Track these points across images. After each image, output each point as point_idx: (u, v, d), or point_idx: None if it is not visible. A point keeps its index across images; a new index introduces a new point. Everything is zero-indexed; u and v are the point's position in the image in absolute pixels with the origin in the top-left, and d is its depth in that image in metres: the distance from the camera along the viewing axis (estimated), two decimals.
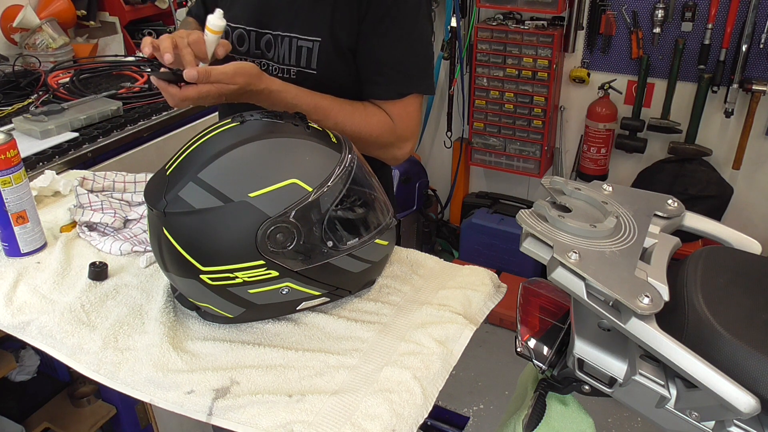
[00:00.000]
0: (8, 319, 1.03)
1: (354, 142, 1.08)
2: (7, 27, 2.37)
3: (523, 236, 0.88)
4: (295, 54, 1.24)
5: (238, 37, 1.31)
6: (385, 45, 1.20)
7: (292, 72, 1.26)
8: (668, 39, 2.68)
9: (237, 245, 0.89)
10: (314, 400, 0.86)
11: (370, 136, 1.22)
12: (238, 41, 1.31)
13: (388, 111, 1.24)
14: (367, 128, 1.22)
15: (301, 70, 1.24)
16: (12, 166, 1.11)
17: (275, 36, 1.26)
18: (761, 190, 2.78)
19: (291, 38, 1.24)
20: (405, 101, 1.24)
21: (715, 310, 0.81)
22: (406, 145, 1.28)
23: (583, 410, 1.01)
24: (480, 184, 3.42)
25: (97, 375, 0.94)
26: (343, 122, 1.19)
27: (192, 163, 0.91)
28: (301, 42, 1.23)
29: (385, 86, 1.23)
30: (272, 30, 1.26)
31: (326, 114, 1.18)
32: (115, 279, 1.12)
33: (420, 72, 1.25)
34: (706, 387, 0.74)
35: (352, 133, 1.18)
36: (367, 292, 1.08)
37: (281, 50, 1.26)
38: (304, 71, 1.24)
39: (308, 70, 1.24)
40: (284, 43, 1.25)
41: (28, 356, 1.87)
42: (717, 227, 0.99)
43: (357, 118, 1.21)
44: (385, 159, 1.30)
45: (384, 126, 1.23)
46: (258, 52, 1.29)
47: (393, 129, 1.24)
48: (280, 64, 1.27)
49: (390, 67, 1.22)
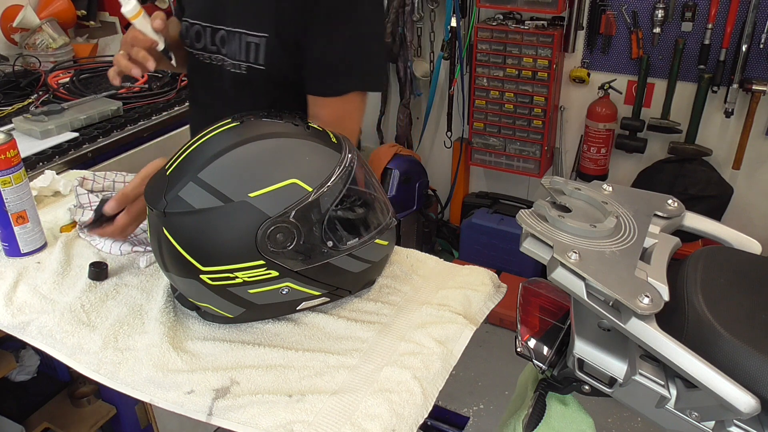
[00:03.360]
0: (8, 319, 1.03)
1: None
2: (7, 27, 2.38)
3: (523, 236, 0.88)
4: (245, 50, 1.24)
5: (196, 33, 1.31)
6: (326, 40, 1.18)
7: (242, 67, 1.26)
8: (668, 39, 2.68)
9: (237, 245, 0.89)
10: (314, 400, 0.86)
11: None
12: (195, 37, 1.32)
13: (326, 108, 1.22)
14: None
15: (250, 65, 1.25)
16: (12, 166, 1.11)
17: (228, 32, 1.26)
18: (761, 190, 2.78)
19: (240, 34, 1.24)
20: (344, 99, 1.21)
21: (715, 310, 0.81)
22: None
23: (583, 410, 1.01)
24: (480, 184, 3.42)
25: (97, 375, 0.94)
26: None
27: (192, 163, 0.91)
28: (249, 38, 1.23)
29: (325, 82, 1.21)
30: (225, 26, 1.26)
31: None
32: (115, 279, 1.12)
33: (361, 69, 1.22)
34: (706, 387, 0.74)
35: None
36: (367, 292, 1.08)
37: (233, 46, 1.26)
38: (253, 67, 1.24)
39: (256, 65, 1.24)
40: (235, 38, 1.25)
41: (28, 356, 1.88)
42: (717, 227, 0.99)
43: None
44: None
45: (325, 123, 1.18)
46: (214, 47, 1.30)
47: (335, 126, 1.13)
48: (233, 59, 1.27)
49: (329, 63, 1.19)
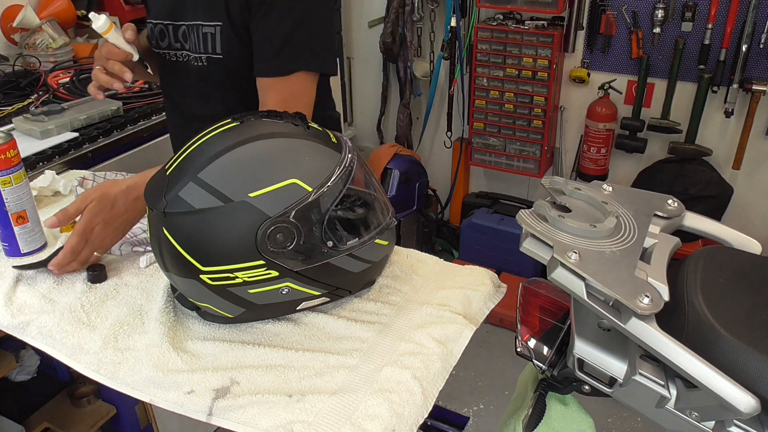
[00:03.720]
0: (8, 319, 1.03)
1: None
2: (7, 27, 2.37)
3: (523, 236, 0.88)
4: (203, 41, 1.25)
5: (160, 32, 1.32)
6: (269, 21, 1.18)
7: (203, 59, 1.26)
8: (668, 39, 2.68)
9: (237, 245, 0.89)
10: (314, 400, 0.86)
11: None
12: (160, 36, 1.32)
13: (271, 90, 1.21)
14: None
15: (209, 56, 1.25)
16: (12, 166, 1.11)
17: (189, 26, 1.27)
18: (761, 190, 2.78)
19: (197, 26, 1.25)
20: (291, 79, 1.20)
21: (715, 310, 0.81)
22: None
23: (583, 410, 1.01)
24: (480, 184, 3.42)
25: (97, 375, 0.94)
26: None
27: (192, 163, 0.91)
28: (205, 28, 1.23)
29: (269, 63, 1.20)
30: (185, 21, 1.27)
31: None
32: (115, 279, 1.12)
33: (305, 49, 1.20)
34: (706, 387, 0.74)
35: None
36: (367, 292, 1.08)
37: (193, 39, 1.27)
38: (212, 57, 1.25)
39: (215, 55, 1.24)
40: (194, 31, 1.26)
41: (28, 356, 1.88)
42: (717, 227, 0.99)
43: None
44: None
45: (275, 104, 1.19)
46: (177, 44, 1.30)
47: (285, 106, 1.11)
48: (194, 53, 1.27)
49: (271, 43, 1.19)
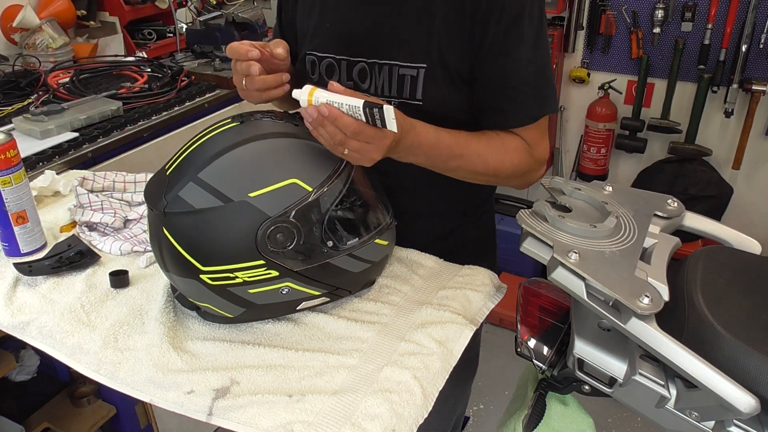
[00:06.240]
0: (8, 319, 1.03)
1: (494, 175, 1.07)
2: (7, 27, 2.37)
3: (523, 236, 0.88)
4: (396, 83, 1.09)
5: (327, 66, 1.16)
6: (510, 67, 1.05)
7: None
8: (668, 39, 2.68)
9: (237, 245, 0.89)
10: (314, 400, 0.86)
11: (511, 164, 1.09)
12: (326, 72, 1.16)
13: (522, 137, 1.10)
14: (508, 156, 1.08)
15: (404, 101, 1.09)
16: (12, 166, 1.11)
17: (370, 64, 1.11)
18: (761, 190, 2.78)
19: (390, 66, 1.09)
20: (538, 123, 1.10)
21: (715, 310, 0.81)
22: (542, 168, 1.15)
23: (583, 410, 1.01)
24: None
25: (97, 375, 0.94)
26: (485, 153, 1.06)
27: (192, 163, 0.91)
28: (402, 70, 1.08)
29: (516, 114, 1.08)
30: (366, 58, 1.11)
31: (467, 145, 1.05)
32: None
33: (551, 92, 1.10)
34: (706, 387, 0.74)
35: (494, 165, 1.07)
36: (367, 292, 1.08)
37: (379, 80, 1.11)
38: (408, 102, 1.09)
39: (412, 101, 1.09)
40: (382, 71, 1.10)
41: (28, 356, 1.88)
42: (717, 227, 0.99)
43: (494, 146, 1.07)
44: (518, 186, 1.15)
45: (522, 152, 1.10)
46: (350, 83, 1.13)
47: (530, 154, 1.10)
48: (379, 95, 1.11)
49: (520, 91, 1.07)
